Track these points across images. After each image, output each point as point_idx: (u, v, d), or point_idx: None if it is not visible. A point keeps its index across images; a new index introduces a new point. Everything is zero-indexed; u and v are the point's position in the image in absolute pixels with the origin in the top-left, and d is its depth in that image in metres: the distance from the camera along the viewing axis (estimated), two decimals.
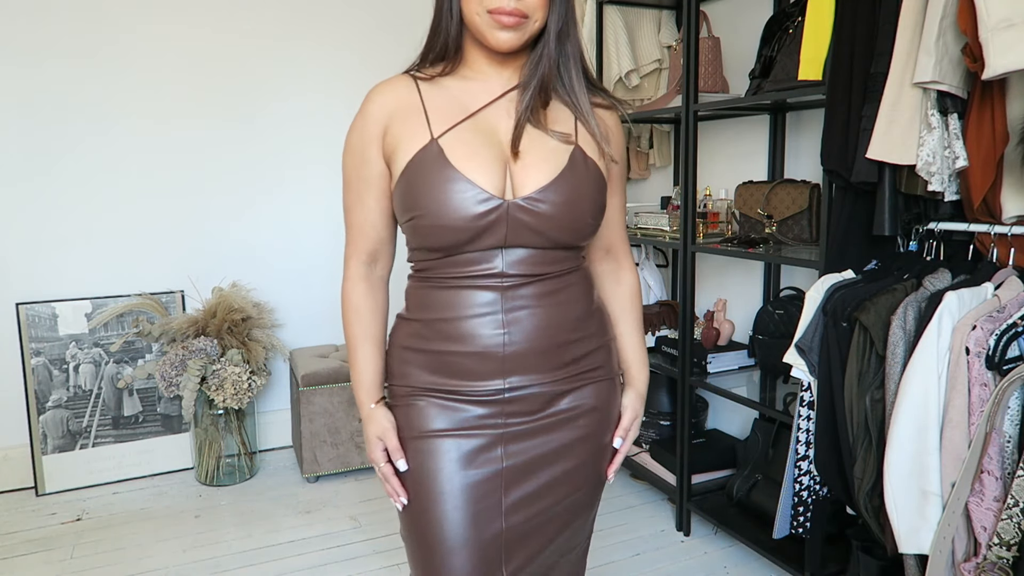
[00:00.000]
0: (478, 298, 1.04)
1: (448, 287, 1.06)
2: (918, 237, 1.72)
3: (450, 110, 1.04)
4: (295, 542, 2.40)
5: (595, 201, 1.06)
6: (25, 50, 2.71)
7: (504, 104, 1.06)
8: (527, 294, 1.05)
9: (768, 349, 2.27)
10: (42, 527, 2.54)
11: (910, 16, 1.50)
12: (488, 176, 1.00)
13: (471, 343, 1.05)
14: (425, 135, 1.02)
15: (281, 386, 3.23)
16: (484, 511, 1.06)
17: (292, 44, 3.08)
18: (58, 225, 2.83)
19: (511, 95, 1.07)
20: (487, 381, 1.06)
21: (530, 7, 0.99)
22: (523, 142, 1.04)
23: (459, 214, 0.99)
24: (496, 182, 1.01)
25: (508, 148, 1.03)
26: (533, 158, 1.03)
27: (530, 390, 1.07)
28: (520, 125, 1.04)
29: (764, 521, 2.18)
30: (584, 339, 1.12)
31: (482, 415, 1.07)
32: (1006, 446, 1.31)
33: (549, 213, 1.02)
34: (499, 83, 1.07)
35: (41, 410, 2.78)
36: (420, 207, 1.01)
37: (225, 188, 3.05)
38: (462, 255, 1.03)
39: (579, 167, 1.05)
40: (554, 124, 1.06)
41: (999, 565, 1.29)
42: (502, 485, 1.07)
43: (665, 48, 2.79)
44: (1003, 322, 1.36)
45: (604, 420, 1.15)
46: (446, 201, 0.99)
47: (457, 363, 1.06)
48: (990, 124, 1.46)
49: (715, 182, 2.67)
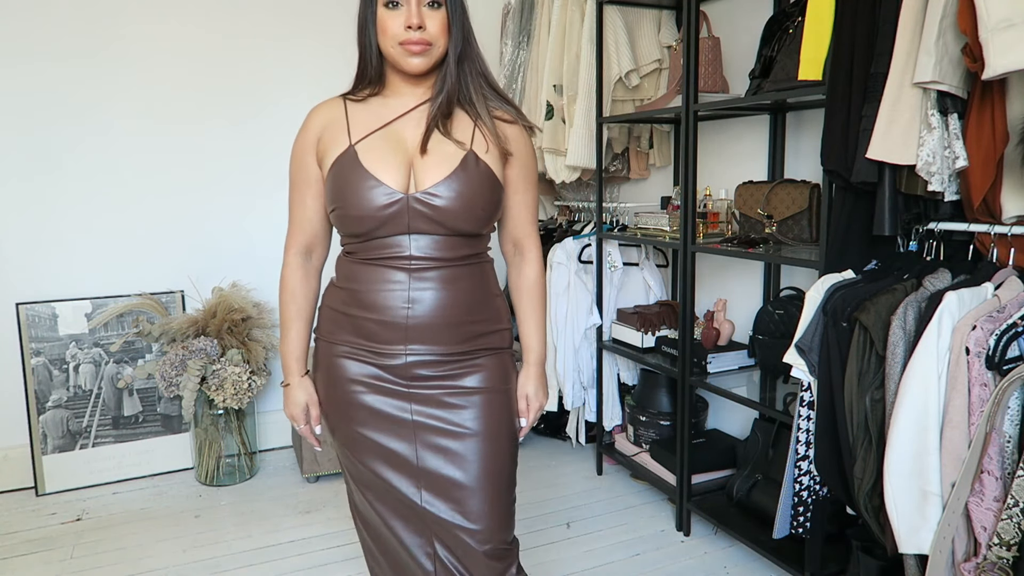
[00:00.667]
0: (390, 276, 1.26)
1: (367, 263, 1.27)
2: (918, 237, 1.72)
3: (368, 123, 1.28)
4: (295, 542, 2.40)
5: (485, 196, 1.26)
6: (25, 50, 2.71)
7: (415, 116, 1.29)
8: (431, 277, 1.26)
9: (768, 349, 2.27)
10: (42, 527, 2.54)
11: (910, 16, 1.50)
12: (392, 175, 1.23)
13: (381, 312, 1.26)
14: (345, 142, 1.26)
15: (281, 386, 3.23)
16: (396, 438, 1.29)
17: (292, 44, 3.08)
18: (58, 225, 2.83)
19: (422, 108, 1.29)
20: (392, 346, 1.27)
21: (432, 36, 1.21)
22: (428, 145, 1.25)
23: (368, 205, 1.22)
24: (399, 179, 1.23)
25: (414, 151, 1.25)
26: (432, 160, 1.24)
27: (427, 357, 1.27)
28: (428, 130, 1.26)
29: (764, 521, 2.18)
30: (479, 322, 1.31)
31: (390, 377, 1.29)
32: (1006, 446, 1.32)
33: (443, 205, 1.23)
34: (413, 99, 1.29)
35: (41, 410, 2.78)
36: (339, 200, 1.24)
37: (225, 188, 3.05)
38: (376, 240, 1.25)
39: (471, 167, 1.24)
40: (455, 132, 1.27)
41: (999, 565, 1.29)
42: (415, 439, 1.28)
43: (665, 48, 2.79)
44: (1003, 322, 1.36)
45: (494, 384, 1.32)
46: (358, 194, 1.22)
47: (369, 327, 1.28)
48: (990, 124, 1.46)
49: (715, 182, 2.67)
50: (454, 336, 1.28)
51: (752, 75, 2.15)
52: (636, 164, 3.09)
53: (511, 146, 1.31)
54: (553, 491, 2.77)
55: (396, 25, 1.21)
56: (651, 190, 3.13)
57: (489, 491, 1.29)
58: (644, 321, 2.69)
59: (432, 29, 1.21)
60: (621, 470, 2.92)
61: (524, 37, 3.08)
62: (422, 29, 1.20)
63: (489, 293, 1.34)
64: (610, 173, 3.10)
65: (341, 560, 2.28)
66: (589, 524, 2.51)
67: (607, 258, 2.83)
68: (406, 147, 1.26)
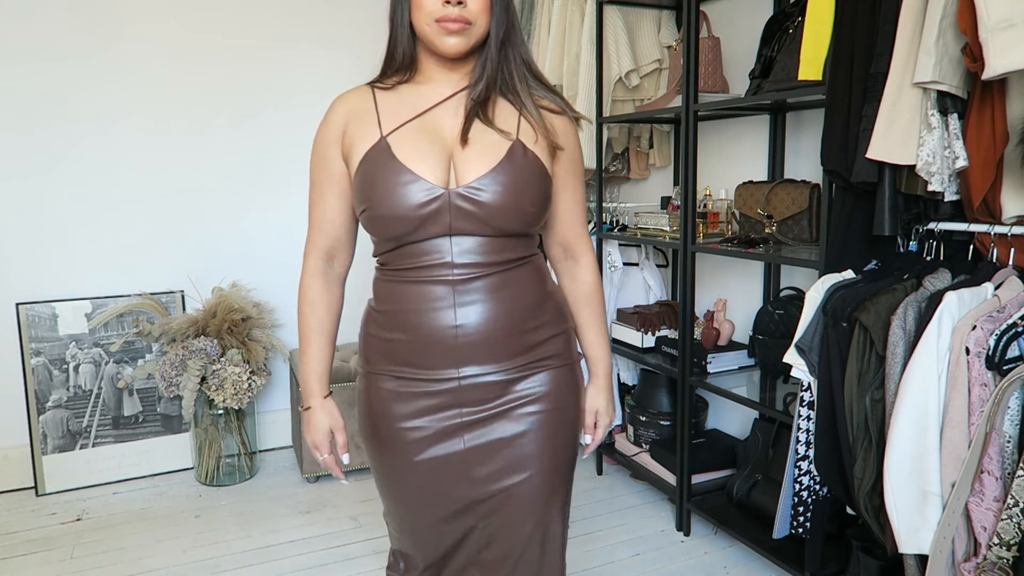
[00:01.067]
0: (431, 292, 1.12)
1: (404, 281, 1.15)
2: (918, 237, 1.72)
3: (400, 112, 1.15)
4: (295, 542, 2.40)
5: (536, 190, 1.13)
6: (25, 50, 2.71)
7: (453, 104, 1.16)
8: (478, 287, 1.12)
9: (768, 349, 2.27)
10: (42, 527, 2.54)
11: (910, 16, 1.50)
12: (431, 168, 1.10)
13: (426, 335, 1.13)
14: (376, 134, 1.13)
15: (281, 386, 3.23)
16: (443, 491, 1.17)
17: (292, 45, 3.08)
18: (58, 225, 2.83)
19: (460, 95, 1.17)
20: (442, 370, 1.14)
21: (473, 14, 1.09)
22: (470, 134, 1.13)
23: (404, 203, 1.09)
24: (438, 174, 1.10)
25: (453, 143, 1.13)
26: (474, 151, 1.12)
27: (484, 379, 1.14)
28: (468, 119, 1.14)
29: (764, 521, 2.18)
30: (539, 328, 1.18)
31: (439, 404, 1.15)
32: (1006, 446, 1.31)
33: (489, 200, 1.10)
34: (449, 86, 1.17)
35: (41, 410, 2.78)
36: (371, 198, 1.11)
37: (225, 188, 3.05)
38: (413, 244, 1.12)
39: (518, 158, 1.12)
40: (498, 121, 1.15)
41: (999, 565, 1.29)
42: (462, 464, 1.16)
43: (665, 48, 2.79)
44: (1003, 322, 1.36)
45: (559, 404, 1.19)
46: (392, 192, 1.09)
47: (414, 353, 1.15)
48: (990, 124, 1.46)
49: (715, 182, 2.67)
50: (511, 349, 1.15)
51: (752, 75, 2.15)
52: (636, 164, 3.09)
53: (559, 139, 1.18)
54: None
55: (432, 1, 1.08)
56: (651, 190, 3.13)
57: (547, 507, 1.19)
58: (644, 321, 2.69)
59: (473, 6, 1.09)
60: (621, 470, 2.92)
61: (524, 37, 3.08)
62: (462, 5, 1.08)
63: (545, 292, 1.20)
64: (610, 173, 3.10)
65: (341, 560, 2.28)
66: (589, 524, 2.51)
67: (607, 258, 2.83)
68: (444, 138, 1.13)
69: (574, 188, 1.25)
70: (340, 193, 1.19)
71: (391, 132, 1.13)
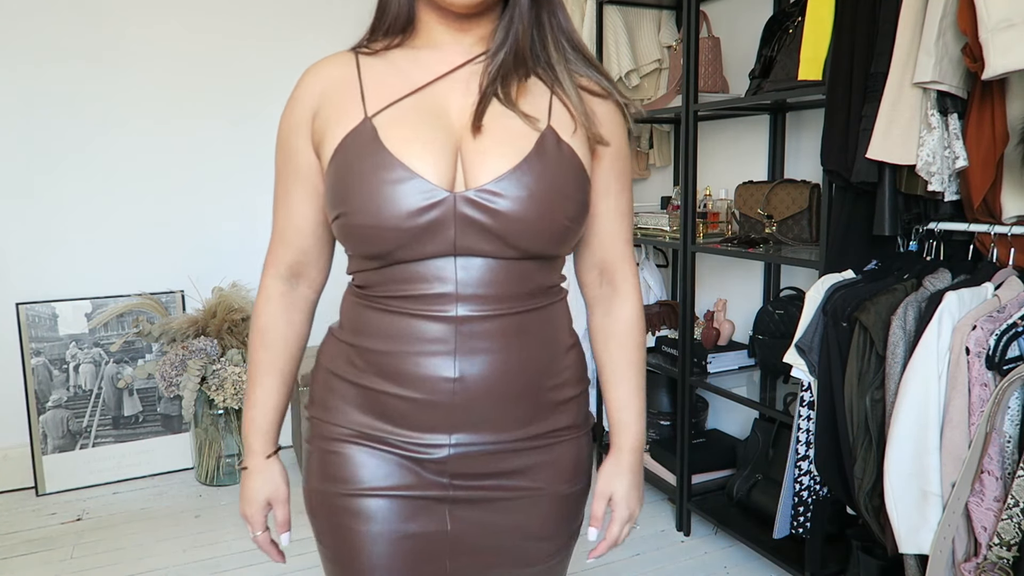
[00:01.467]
0: (425, 331, 0.82)
1: (390, 310, 0.84)
2: (918, 237, 1.72)
3: (392, 86, 0.84)
4: (295, 542, 2.39)
5: (572, 197, 0.83)
6: (26, 51, 2.70)
7: (463, 76, 0.85)
8: (489, 331, 0.83)
9: (768, 349, 2.27)
10: (42, 527, 2.54)
11: (910, 16, 1.50)
12: (431, 162, 0.80)
13: (414, 387, 0.84)
14: (359, 114, 0.83)
15: None
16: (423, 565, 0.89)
17: (293, 45, 3.08)
18: (58, 225, 2.83)
19: (473, 66, 0.86)
20: (428, 434, 0.85)
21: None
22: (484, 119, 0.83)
23: (393, 210, 0.78)
24: (442, 170, 0.80)
25: (462, 129, 0.83)
26: (491, 141, 0.82)
27: (479, 448, 0.86)
28: (484, 98, 0.83)
29: (764, 521, 2.18)
30: (557, 387, 0.90)
31: (422, 474, 0.87)
32: (1006, 446, 1.31)
33: (509, 210, 0.79)
34: (458, 53, 0.86)
35: (41, 410, 2.78)
36: (347, 202, 0.80)
37: (225, 188, 3.05)
38: (404, 265, 0.82)
39: (550, 153, 0.82)
40: (524, 103, 0.85)
41: (999, 565, 1.29)
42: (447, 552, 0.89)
43: (665, 48, 2.79)
44: (1003, 322, 1.36)
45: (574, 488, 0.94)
46: (377, 192, 0.79)
47: (394, 407, 0.85)
48: (990, 124, 1.46)
49: (715, 182, 2.67)
50: (520, 415, 0.87)
51: (752, 75, 2.15)
52: (636, 164, 3.09)
53: (604, 129, 0.88)
54: None
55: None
56: (651, 190, 3.13)
57: None
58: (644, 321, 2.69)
59: None
60: None
61: None
62: None
63: (566, 344, 0.92)
64: None
65: None
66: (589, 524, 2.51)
67: None
68: (450, 122, 0.84)
69: (618, 195, 0.93)
70: (309, 193, 0.90)
71: (379, 112, 0.83)
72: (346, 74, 0.87)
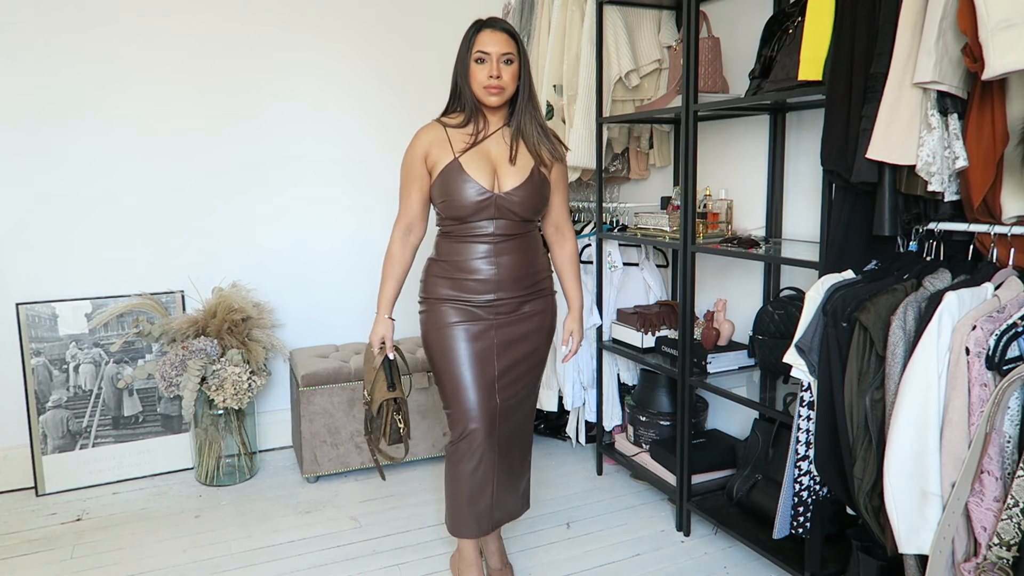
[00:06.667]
0: (479, 249, 1.88)
1: (461, 240, 1.89)
2: (918, 237, 1.72)
3: (464, 141, 1.88)
4: (295, 542, 2.40)
5: (543, 197, 1.93)
6: (26, 50, 2.71)
7: (496, 137, 1.90)
8: (507, 247, 1.89)
9: (768, 349, 2.27)
10: (42, 527, 2.54)
11: (910, 16, 1.50)
12: (485, 179, 1.85)
13: (476, 273, 1.89)
14: (450, 156, 1.86)
15: (281, 386, 3.24)
16: (484, 366, 1.90)
17: (294, 45, 3.08)
18: (58, 225, 2.83)
19: (501, 132, 1.91)
20: (484, 295, 1.90)
21: (505, 82, 1.83)
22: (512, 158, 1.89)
23: (468, 199, 1.84)
24: (489, 182, 1.85)
25: (497, 162, 1.87)
26: (511, 170, 1.88)
27: (508, 299, 1.92)
28: (515, 147, 1.89)
29: (764, 521, 2.18)
30: (536, 272, 1.97)
31: (481, 314, 1.90)
32: (1006, 446, 1.31)
33: (519, 200, 1.86)
34: (493, 125, 1.91)
35: (41, 410, 2.78)
36: (448, 195, 1.85)
37: (225, 188, 3.05)
38: (470, 223, 1.87)
39: (536, 176, 1.89)
40: (522, 152, 1.90)
41: (999, 565, 1.29)
42: (495, 351, 1.92)
43: (665, 48, 2.79)
44: (1003, 322, 1.36)
45: (548, 317, 2.02)
46: (461, 192, 1.83)
47: (466, 285, 1.89)
48: (990, 124, 1.46)
49: (715, 182, 2.67)
50: (522, 284, 1.92)
51: (752, 75, 2.15)
52: (636, 164, 3.09)
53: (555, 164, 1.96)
54: (553, 491, 2.77)
55: (482, 75, 1.81)
56: (651, 190, 3.13)
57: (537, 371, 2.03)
58: (644, 321, 2.69)
59: (506, 78, 1.82)
60: (621, 470, 2.92)
61: (524, 37, 3.08)
62: (499, 78, 1.81)
63: (540, 253, 1.99)
64: (610, 173, 3.10)
65: (341, 560, 2.28)
66: (589, 524, 2.51)
67: (607, 258, 2.83)
68: (492, 159, 1.87)
69: (561, 191, 2.02)
70: (419, 190, 1.91)
71: (460, 154, 1.85)
72: (440, 135, 1.89)
